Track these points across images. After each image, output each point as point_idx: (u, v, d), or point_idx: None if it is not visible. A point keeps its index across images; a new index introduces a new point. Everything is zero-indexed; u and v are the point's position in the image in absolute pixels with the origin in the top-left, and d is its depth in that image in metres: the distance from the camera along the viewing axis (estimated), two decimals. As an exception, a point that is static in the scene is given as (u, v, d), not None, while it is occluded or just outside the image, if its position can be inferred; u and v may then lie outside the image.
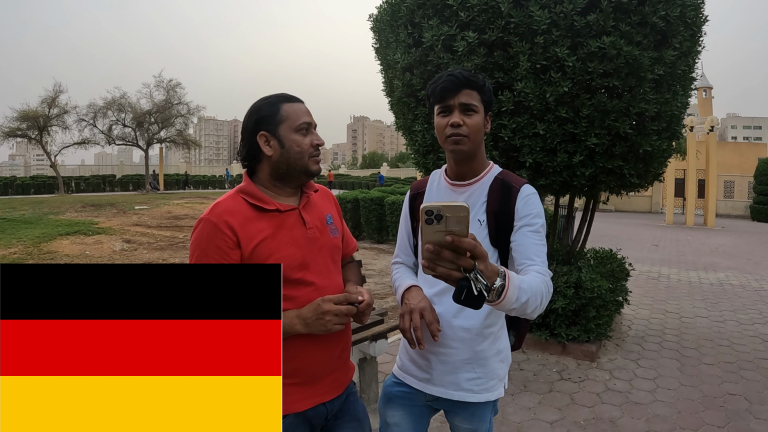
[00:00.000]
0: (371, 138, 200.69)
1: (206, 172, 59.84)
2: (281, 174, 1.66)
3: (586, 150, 4.35)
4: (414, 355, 1.85)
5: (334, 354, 1.72)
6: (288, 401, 1.60)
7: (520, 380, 4.48)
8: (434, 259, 1.19)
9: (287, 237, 1.62)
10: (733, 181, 32.32)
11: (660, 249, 13.89)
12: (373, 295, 6.84)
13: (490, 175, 1.80)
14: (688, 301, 7.70)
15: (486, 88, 1.74)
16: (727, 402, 4.12)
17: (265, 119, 1.63)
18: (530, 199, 1.72)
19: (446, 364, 1.77)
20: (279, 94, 1.68)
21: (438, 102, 1.73)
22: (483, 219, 1.74)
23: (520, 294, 1.35)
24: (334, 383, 1.75)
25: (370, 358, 3.75)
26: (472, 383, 1.77)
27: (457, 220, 1.16)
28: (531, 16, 4.04)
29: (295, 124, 1.63)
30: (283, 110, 1.63)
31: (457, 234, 1.17)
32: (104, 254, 11.52)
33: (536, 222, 1.69)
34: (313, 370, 1.66)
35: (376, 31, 5.23)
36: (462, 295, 1.20)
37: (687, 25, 4.39)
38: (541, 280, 1.50)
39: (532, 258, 1.62)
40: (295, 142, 1.62)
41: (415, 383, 1.85)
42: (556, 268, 5.15)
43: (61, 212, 18.95)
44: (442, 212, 1.16)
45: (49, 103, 34.54)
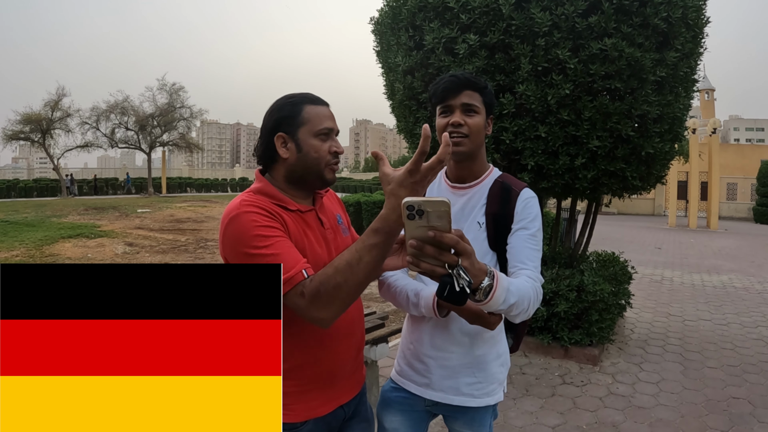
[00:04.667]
0: (374, 141, 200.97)
1: (209, 175, 59.98)
2: (296, 178, 1.59)
3: (588, 152, 4.34)
4: (412, 359, 1.84)
5: (351, 355, 1.69)
6: (310, 406, 1.58)
7: (522, 384, 4.46)
8: (418, 254, 1.18)
9: (313, 236, 1.57)
10: (735, 183, 32.30)
11: (663, 252, 13.87)
12: (374, 299, 6.83)
13: (490, 177, 1.79)
14: (691, 304, 7.67)
15: (488, 90, 1.74)
16: (731, 406, 4.09)
17: (285, 120, 1.55)
18: (529, 202, 1.72)
19: (445, 368, 1.76)
20: (304, 95, 1.60)
21: (439, 102, 1.73)
22: (482, 221, 1.73)
23: (508, 296, 1.36)
24: (351, 384, 1.73)
25: (371, 362, 3.73)
26: (472, 388, 1.76)
27: (438, 215, 1.15)
28: (532, 19, 4.03)
29: (315, 129, 1.55)
30: (305, 112, 1.55)
31: (439, 229, 1.16)
32: (106, 257, 11.54)
33: (533, 226, 1.68)
34: (333, 371, 1.62)
35: (378, 34, 5.24)
36: (445, 291, 1.20)
37: (689, 27, 4.38)
38: (531, 286, 1.50)
39: (524, 262, 1.63)
40: (314, 148, 1.55)
41: (414, 388, 1.83)
42: (558, 271, 5.14)
43: (63, 215, 19.01)
44: (422, 207, 1.15)
45: (52, 106, 34.76)
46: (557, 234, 6.13)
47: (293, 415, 1.55)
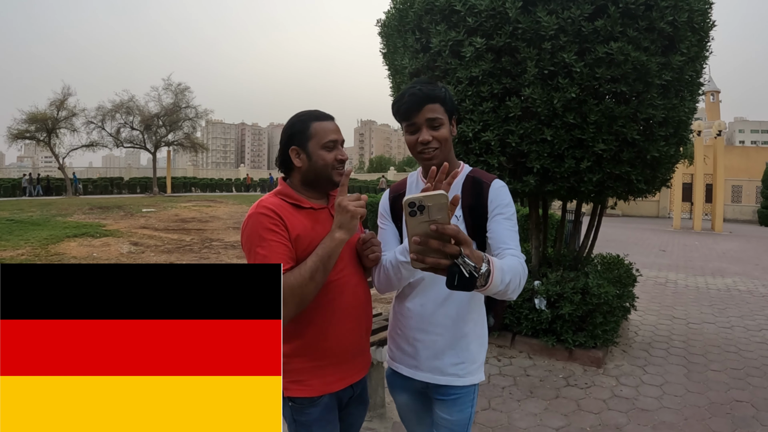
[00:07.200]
0: (378, 142, 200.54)
1: (213, 175, 60.02)
2: (310, 181, 1.86)
3: (593, 156, 4.35)
4: (402, 343, 1.96)
5: (359, 333, 1.90)
6: (325, 381, 1.80)
7: (526, 386, 4.48)
8: (422, 250, 1.24)
9: (322, 230, 1.78)
10: (740, 185, 32.17)
11: (667, 254, 13.83)
12: (381, 300, 6.85)
13: (462, 174, 1.91)
14: (696, 306, 7.66)
15: (447, 98, 1.84)
16: (734, 409, 4.09)
17: (296, 135, 1.83)
18: (501, 191, 1.84)
19: (430, 349, 1.88)
20: (311, 112, 1.88)
21: (404, 120, 1.85)
22: (459, 215, 1.86)
23: (504, 276, 1.45)
24: (360, 365, 1.95)
25: (377, 363, 3.76)
26: (457, 368, 1.88)
27: (439, 208, 1.22)
28: (539, 22, 4.05)
29: (322, 141, 1.81)
30: (312, 128, 1.82)
31: (440, 222, 1.22)
32: (111, 256, 11.58)
33: (507, 211, 1.81)
34: (342, 348, 1.83)
35: (384, 36, 5.26)
36: (455, 280, 1.26)
37: (694, 31, 4.39)
38: (517, 262, 1.61)
39: (506, 242, 1.74)
40: (321, 157, 1.81)
41: (405, 371, 1.95)
42: (563, 273, 5.15)
43: (68, 214, 19.06)
44: (423, 202, 1.22)
45: (57, 105, 34.82)
46: (562, 236, 6.14)
47: (310, 389, 1.77)
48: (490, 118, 4.39)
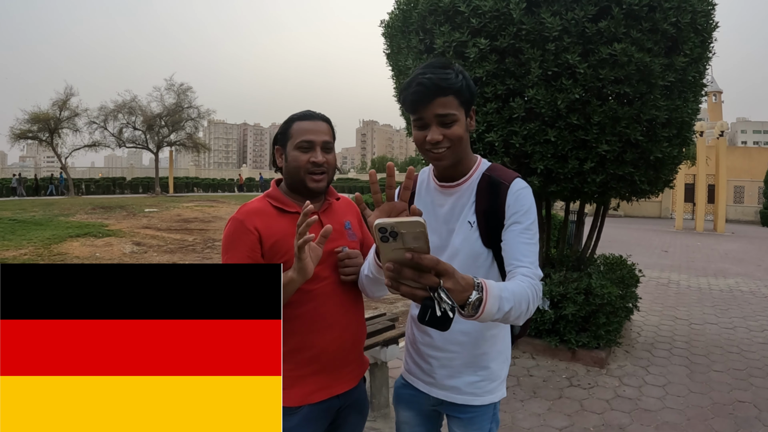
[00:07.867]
0: (380, 142, 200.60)
1: (215, 175, 60.08)
2: (290, 184, 1.81)
3: (597, 157, 4.36)
4: (417, 358, 1.85)
5: (346, 342, 1.79)
6: (305, 392, 1.71)
7: (529, 386, 4.49)
8: (396, 278, 1.11)
9: None
10: (743, 186, 32.12)
11: (670, 255, 13.83)
12: (383, 300, 6.86)
13: (478, 172, 1.70)
14: (698, 307, 7.67)
15: (463, 87, 1.56)
16: (737, 409, 4.10)
17: (280, 135, 1.81)
18: (521, 194, 1.61)
19: (447, 368, 1.75)
20: (302, 112, 1.82)
21: (411, 113, 1.59)
22: (473, 221, 1.65)
23: (502, 304, 1.26)
24: (349, 375, 1.84)
25: (381, 363, 3.77)
26: (475, 387, 1.75)
27: (414, 237, 1.08)
28: (542, 23, 4.06)
29: (295, 142, 1.74)
30: (292, 128, 1.77)
31: (416, 251, 1.09)
32: (114, 256, 11.61)
33: (526, 219, 1.58)
34: (326, 358, 1.74)
35: (388, 37, 5.26)
36: (426, 316, 1.12)
37: (698, 32, 4.39)
38: (527, 285, 1.41)
39: (519, 258, 1.52)
40: (294, 158, 1.75)
41: (421, 386, 1.83)
42: (566, 274, 5.16)
43: (71, 214, 19.09)
44: (396, 229, 1.08)
45: (60, 105, 34.91)
46: (565, 237, 6.15)
47: (289, 399, 1.65)
48: (494, 119, 4.40)
